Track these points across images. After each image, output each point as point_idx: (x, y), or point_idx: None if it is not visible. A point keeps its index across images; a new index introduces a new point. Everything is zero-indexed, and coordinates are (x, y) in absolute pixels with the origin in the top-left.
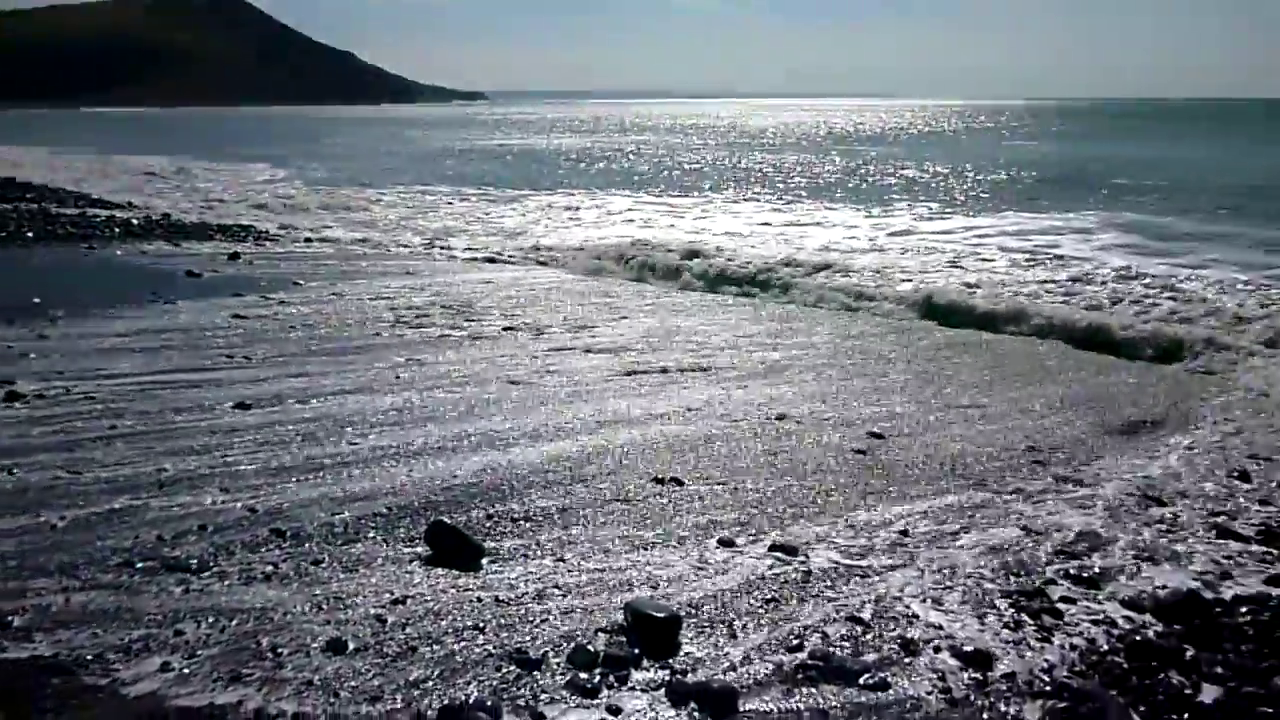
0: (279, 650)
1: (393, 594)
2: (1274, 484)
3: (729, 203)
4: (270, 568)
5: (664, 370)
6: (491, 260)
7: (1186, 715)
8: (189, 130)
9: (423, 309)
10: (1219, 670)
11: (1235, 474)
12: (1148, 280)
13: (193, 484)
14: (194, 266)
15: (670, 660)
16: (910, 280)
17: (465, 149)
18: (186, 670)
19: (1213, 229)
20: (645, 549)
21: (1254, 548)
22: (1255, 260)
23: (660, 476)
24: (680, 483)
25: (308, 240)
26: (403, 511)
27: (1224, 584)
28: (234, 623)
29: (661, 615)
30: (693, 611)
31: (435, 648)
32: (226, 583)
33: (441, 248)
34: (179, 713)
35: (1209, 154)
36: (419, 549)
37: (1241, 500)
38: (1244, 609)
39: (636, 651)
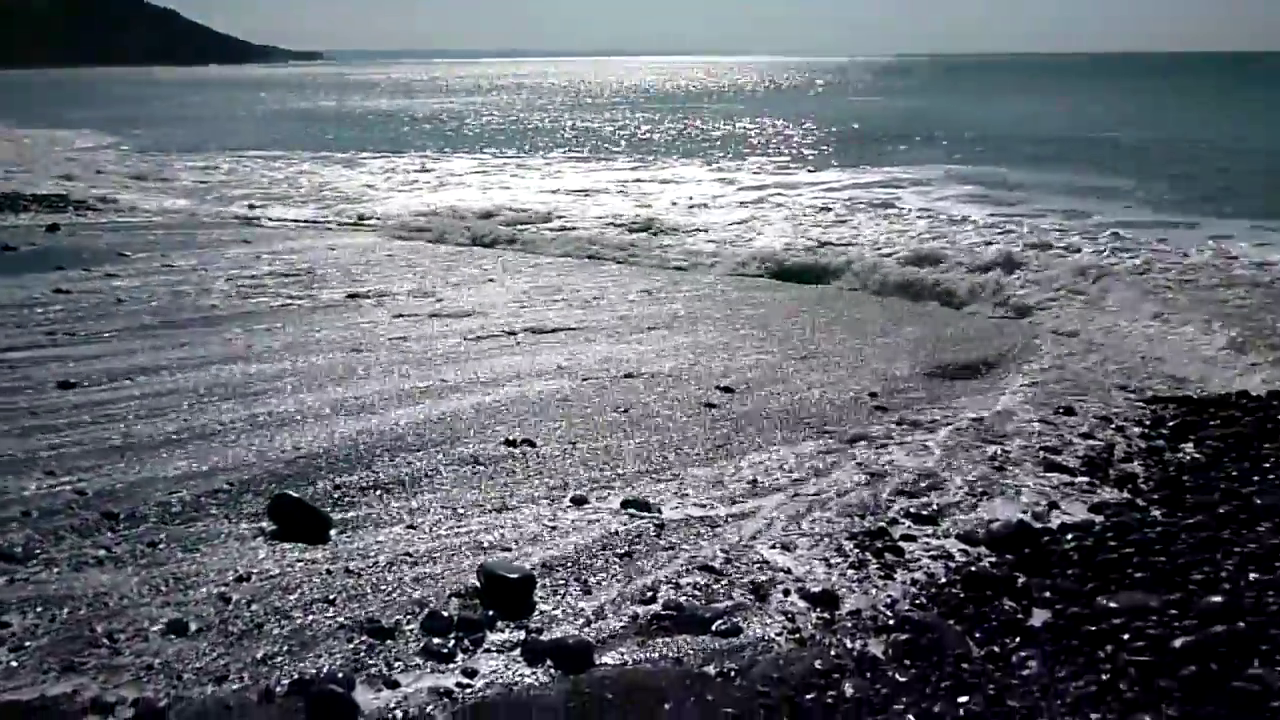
0: (115, 636)
1: (237, 572)
2: (1095, 418)
3: (582, 162)
4: (103, 552)
5: (511, 333)
6: (332, 227)
7: (1018, 638)
8: None
9: (260, 279)
10: (1047, 595)
11: (1061, 409)
12: (979, 228)
13: (13, 468)
14: (7, 240)
15: (525, 620)
16: (759, 237)
17: (302, 111)
18: (14, 663)
19: (1041, 177)
20: (498, 511)
21: (1079, 479)
22: (1079, 207)
23: (512, 439)
24: (532, 444)
25: (133, 210)
26: (245, 487)
27: (1052, 514)
28: (65, 611)
29: (514, 576)
30: (547, 570)
31: (284, 623)
32: (55, 570)
33: (277, 216)
34: (6, 708)
35: (1039, 107)
36: (264, 524)
37: (1066, 435)
38: (1070, 536)
39: (491, 613)
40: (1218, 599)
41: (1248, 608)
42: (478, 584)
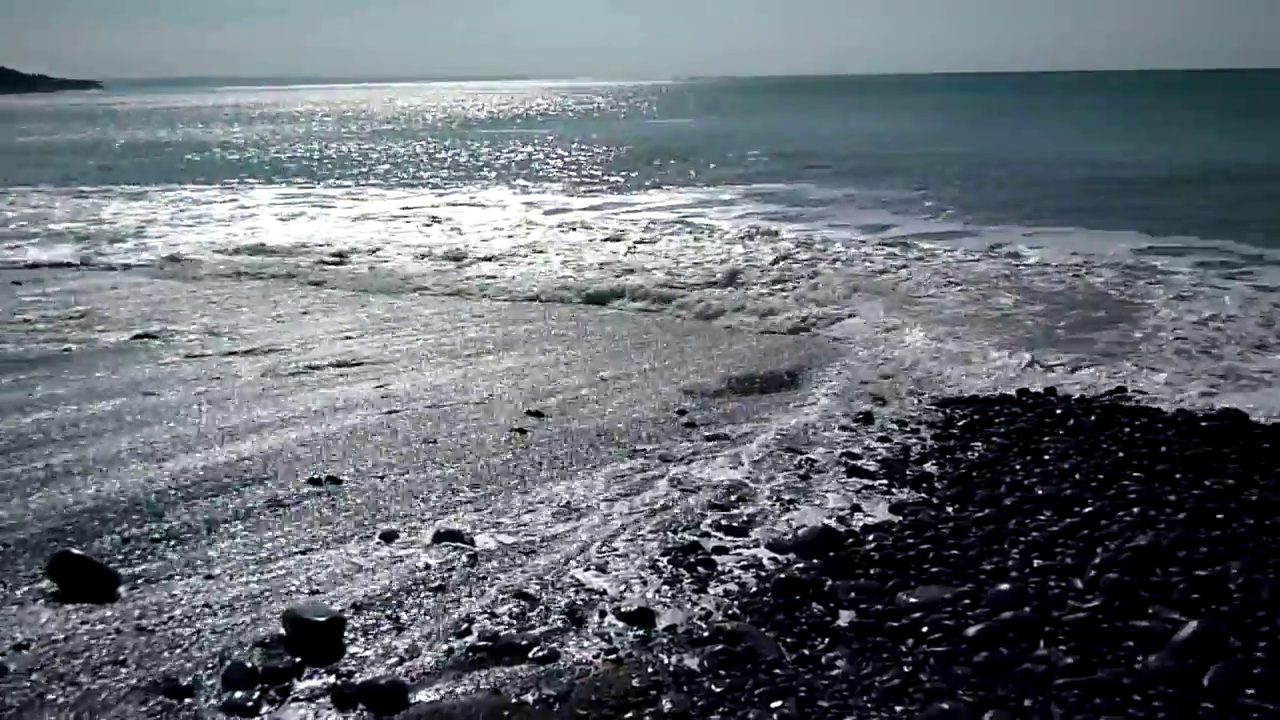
0: None
1: (15, 639)
2: (892, 422)
3: (385, 190)
4: None
5: (314, 368)
6: (114, 266)
7: (827, 640)
8: None
9: (35, 322)
10: (853, 595)
11: (860, 417)
12: (779, 243)
13: None
14: None
15: (335, 664)
16: (564, 261)
17: (79, 142)
18: None
19: (837, 192)
20: (304, 554)
21: (879, 481)
22: (876, 221)
23: (316, 477)
24: (338, 481)
25: None
26: (21, 547)
27: (855, 516)
28: None
29: (322, 619)
30: (357, 611)
31: (69, 690)
32: None
33: (54, 256)
34: None
35: (831, 124)
36: (44, 585)
37: (866, 440)
38: (871, 537)
39: (298, 660)
40: (1006, 587)
41: (1033, 593)
42: (283, 631)
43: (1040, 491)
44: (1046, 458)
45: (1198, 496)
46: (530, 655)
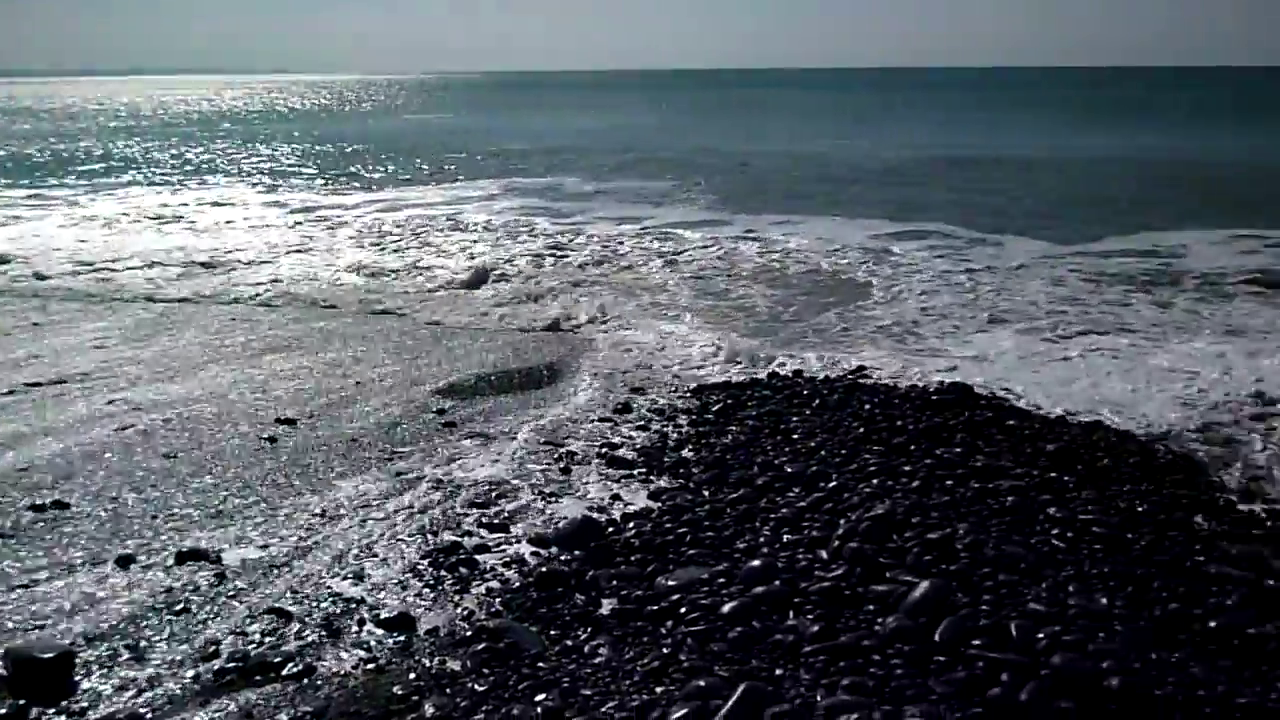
0: None
1: None
2: (649, 411)
3: (117, 189)
4: None
5: (31, 385)
6: None
7: (590, 629)
8: None
9: None
10: (615, 583)
11: (618, 408)
12: (532, 243)
13: None
14: None
15: (66, 702)
16: (312, 264)
17: None
18: None
19: (598, 186)
20: (25, 587)
21: (638, 470)
22: (632, 213)
23: (39, 503)
24: (65, 505)
25: None
26: None
27: (615, 505)
28: None
29: (47, 655)
30: (90, 643)
31: None
32: None
33: None
34: None
35: (590, 121)
36: None
37: (625, 430)
38: (631, 524)
39: (21, 702)
40: (757, 563)
41: (783, 567)
42: (3, 671)
43: (790, 470)
44: (795, 437)
45: (929, 465)
46: (284, 672)
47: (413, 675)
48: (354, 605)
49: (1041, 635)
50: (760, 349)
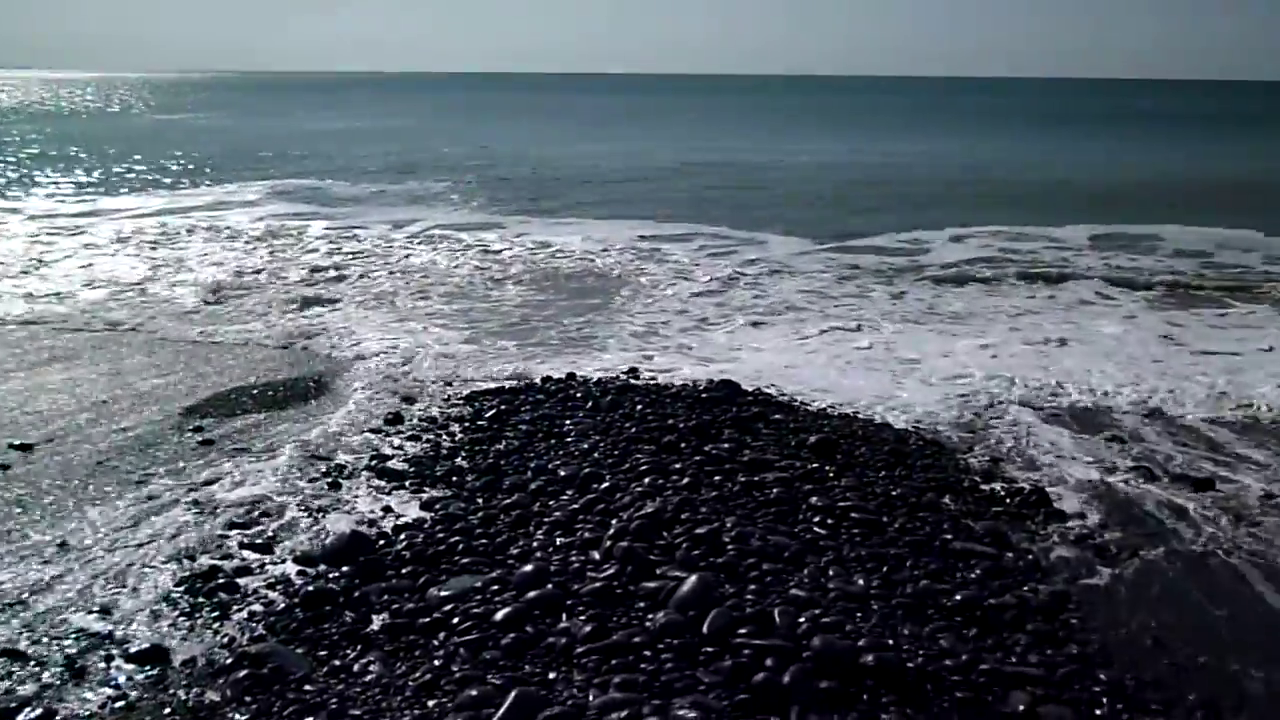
0: None
1: None
2: (421, 420)
3: None
4: None
5: None
6: None
7: (359, 647)
8: None
9: None
10: (385, 597)
11: (388, 418)
12: (296, 250)
13: None
14: None
15: None
16: (61, 277)
17: None
18: None
19: (366, 189)
20: None
21: (410, 481)
22: (402, 216)
23: None
24: None
25: None
26: None
27: (386, 518)
28: None
29: None
30: None
31: None
32: None
33: None
34: None
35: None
36: None
37: (396, 440)
38: (403, 536)
39: None
40: (530, 568)
41: (555, 570)
42: None
43: (563, 473)
44: (569, 440)
45: (699, 462)
46: (21, 719)
47: (167, 710)
48: (100, 640)
49: (803, 619)
50: (529, 352)
